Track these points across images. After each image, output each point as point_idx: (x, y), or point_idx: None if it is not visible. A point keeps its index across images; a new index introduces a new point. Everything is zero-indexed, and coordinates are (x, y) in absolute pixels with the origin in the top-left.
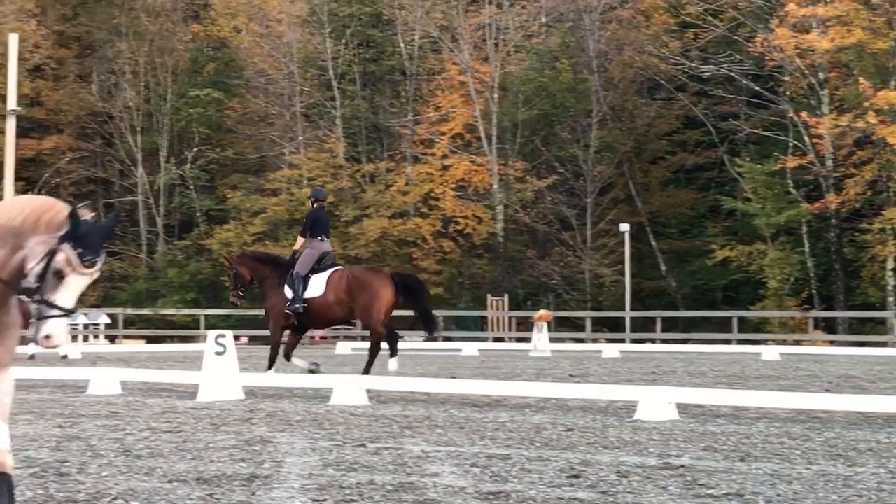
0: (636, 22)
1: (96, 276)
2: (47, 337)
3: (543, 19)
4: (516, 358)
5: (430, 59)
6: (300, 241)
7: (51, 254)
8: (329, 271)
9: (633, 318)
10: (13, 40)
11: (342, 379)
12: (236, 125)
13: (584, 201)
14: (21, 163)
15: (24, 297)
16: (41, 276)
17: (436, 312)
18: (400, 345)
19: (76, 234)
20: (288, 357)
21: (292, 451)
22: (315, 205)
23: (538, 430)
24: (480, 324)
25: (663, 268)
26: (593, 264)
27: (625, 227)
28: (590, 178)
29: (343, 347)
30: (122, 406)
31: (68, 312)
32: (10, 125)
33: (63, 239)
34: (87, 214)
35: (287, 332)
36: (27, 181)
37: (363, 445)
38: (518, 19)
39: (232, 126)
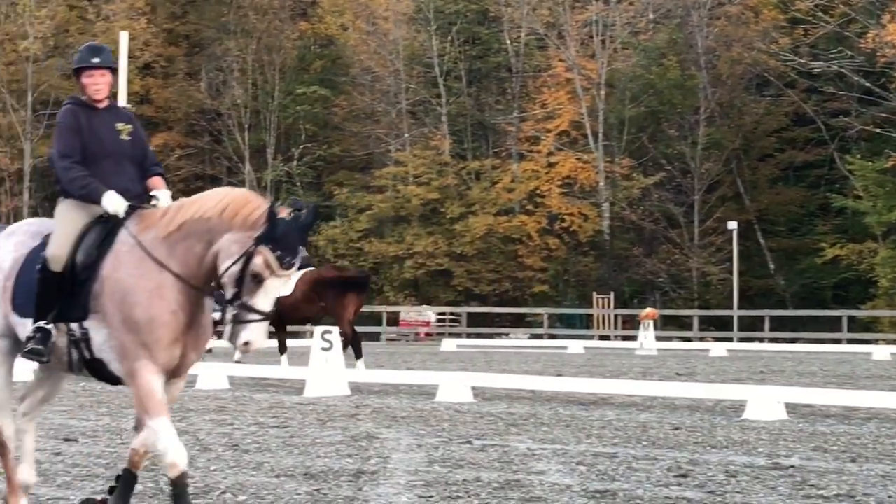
0: (745, 18)
1: (290, 276)
2: (247, 343)
3: (651, 15)
4: (622, 356)
5: (536, 55)
6: None
7: (247, 255)
8: (300, 272)
9: (740, 317)
10: (123, 38)
11: (448, 376)
12: (342, 122)
13: (691, 199)
14: None
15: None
16: (238, 279)
17: (541, 310)
18: (505, 342)
19: (274, 235)
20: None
21: (398, 448)
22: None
23: (645, 429)
24: (586, 321)
25: (772, 266)
26: (700, 262)
27: (732, 224)
28: (697, 175)
29: (448, 344)
30: (230, 401)
31: (267, 316)
32: None
33: (260, 240)
34: (283, 212)
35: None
36: None
37: (469, 442)
38: (625, 16)
39: (338, 123)
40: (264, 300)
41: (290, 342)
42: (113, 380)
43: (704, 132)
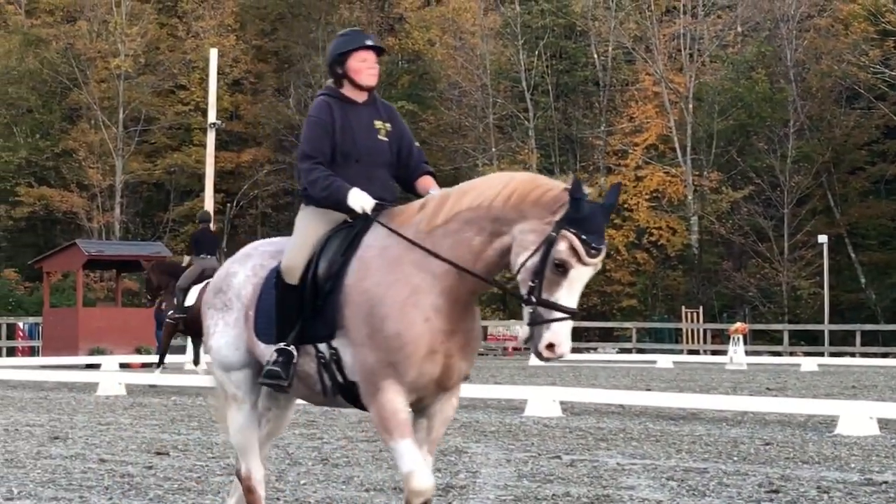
0: (834, 30)
1: (598, 267)
2: (550, 346)
3: (739, 28)
4: (712, 371)
5: (624, 69)
6: (186, 258)
7: (548, 242)
8: (204, 283)
9: (831, 332)
10: (213, 55)
11: (537, 390)
12: (430, 137)
13: (780, 212)
14: (220, 175)
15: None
16: (537, 272)
17: (630, 324)
18: (593, 356)
19: (578, 217)
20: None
21: (487, 462)
22: (200, 226)
23: (735, 444)
24: (675, 336)
25: (863, 280)
26: (790, 276)
27: (823, 238)
28: (787, 188)
29: (536, 359)
30: (319, 415)
31: (573, 314)
32: (210, 138)
33: (562, 224)
34: (585, 189)
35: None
36: (226, 192)
37: (558, 457)
38: (713, 29)
39: (426, 138)
40: (569, 294)
41: None
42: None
43: (794, 145)
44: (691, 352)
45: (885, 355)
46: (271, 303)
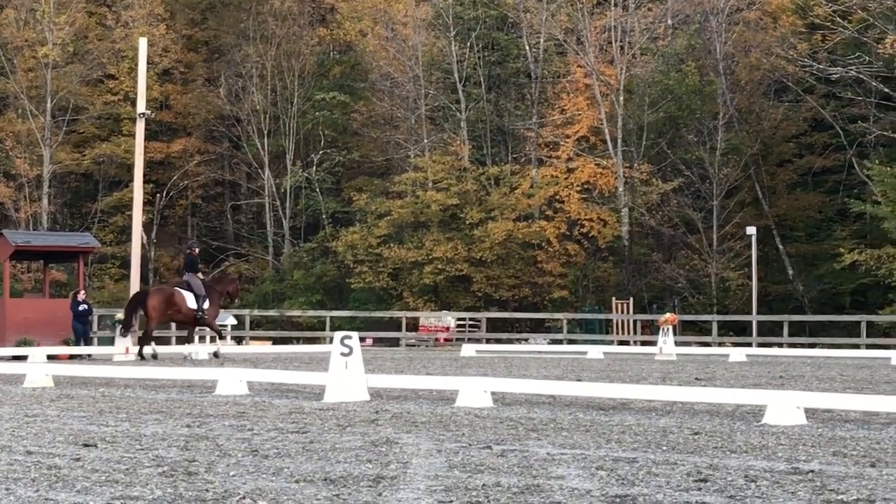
0: (763, 24)
1: None
2: None
3: (669, 21)
4: (641, 361)
5: (556, 61)
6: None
7: None
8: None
9: (759, 322)
10: (143, 44)
11: (468, 381)
12: (362, 128)
13: (710, 204)
14: (150, 165)
15: None
16: None
17: (561, 315)
18: (524, 347)
19: None
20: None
21: (418, 453)
22: (187, 251)
23: (665, 434)
24: (605, 327)
25: (790, 271)
26: (719, 268)
27: (751, 230)
28: (716, 180)
29: (468, 349)
30: (250, 406)
31: None
32: (140, 128)
33: None
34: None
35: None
36: (156, 183)
37: (489, 447)
38: (644, 21)
39: (358, 129)
40: None
41: (310, 348)
42: None
43: (723, 137)
44: (621, 342)
45: (812, 345)
46: None
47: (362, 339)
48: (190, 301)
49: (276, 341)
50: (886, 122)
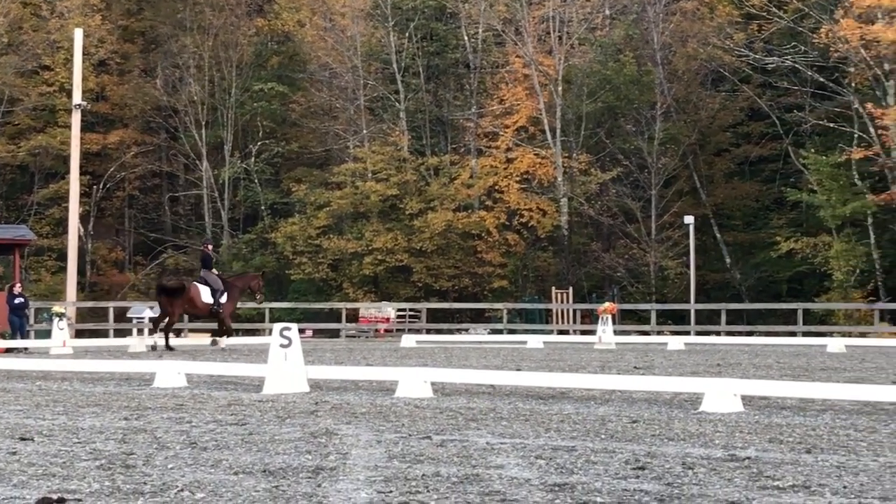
0: (700, 14)
1: None
2: None
3: (607, 11)
4: (581, 350)
5: (494, 51)
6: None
7: None
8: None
9: (697, 311)
10: (78, 35)
11: (407, 372)
12: (300, 119)
13: (648, 193)
14: (86, 157)
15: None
16: None
17: (500, 305)
18: (464, 337)
19: None
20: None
21: (358, 444)
22: (202, 249)
23: (603, 422)
24: (545, 316)
25: (728, 260)
26: (658, 257)
27: (689, 219)
28: (654, 170)
29: (408, 340)
30: (188, 399)
31: None
32: (75, 119)
33: None
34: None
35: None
36: (92, 174)
37: (428, 437)
38: (582, 12)
39: (296, 120)
40: None
41: (249, 339)
42: None
43: (661, 127)
44: (561, 332)
45: (749, 333)
46: None
47: (302, 331)
48: (205, 295)
49: (214, 333)
50: (822, 111)
